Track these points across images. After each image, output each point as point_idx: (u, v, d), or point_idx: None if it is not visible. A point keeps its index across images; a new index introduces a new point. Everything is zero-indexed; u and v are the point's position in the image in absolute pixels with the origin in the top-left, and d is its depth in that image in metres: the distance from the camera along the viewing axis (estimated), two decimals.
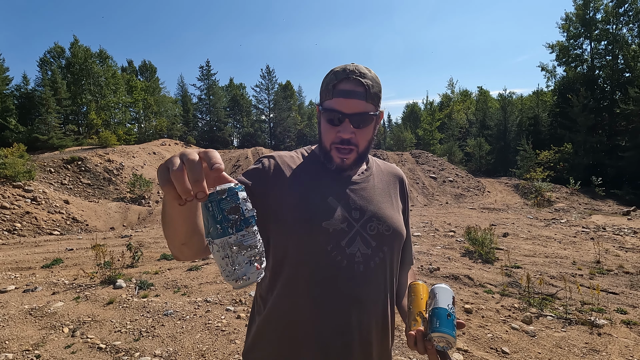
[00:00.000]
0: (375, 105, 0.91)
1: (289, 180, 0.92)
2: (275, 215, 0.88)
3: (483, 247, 6.02)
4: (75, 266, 5.77)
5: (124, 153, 20.19)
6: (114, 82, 31.60)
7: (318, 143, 1.00)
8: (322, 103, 0.93)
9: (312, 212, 0.88)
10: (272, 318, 0.90)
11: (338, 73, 0.90)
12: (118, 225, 12.75)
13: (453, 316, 0.80)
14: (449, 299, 0.83)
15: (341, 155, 0.92)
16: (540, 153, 22.69)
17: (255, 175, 0.92)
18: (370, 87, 0.89)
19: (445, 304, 0.81)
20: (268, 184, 0.91)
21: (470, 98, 46.81)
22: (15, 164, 12.71)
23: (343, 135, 0.89)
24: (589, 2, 26.11)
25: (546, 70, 30.84)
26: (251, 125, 41.34)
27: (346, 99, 0.87)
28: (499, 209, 13.27)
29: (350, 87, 0.88)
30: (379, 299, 0.92)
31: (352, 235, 0.89)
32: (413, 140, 35.41)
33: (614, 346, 3.05)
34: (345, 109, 0.88)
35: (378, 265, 0.91)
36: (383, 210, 0.96)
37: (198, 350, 3.01)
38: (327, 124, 0.92)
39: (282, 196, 0.90)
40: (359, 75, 0.89)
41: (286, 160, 0.97)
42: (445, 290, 0.85)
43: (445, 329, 0.77)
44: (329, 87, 0.90)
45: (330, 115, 0.90)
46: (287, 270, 0.88)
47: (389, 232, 0.94)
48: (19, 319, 3.59)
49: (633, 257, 6.07)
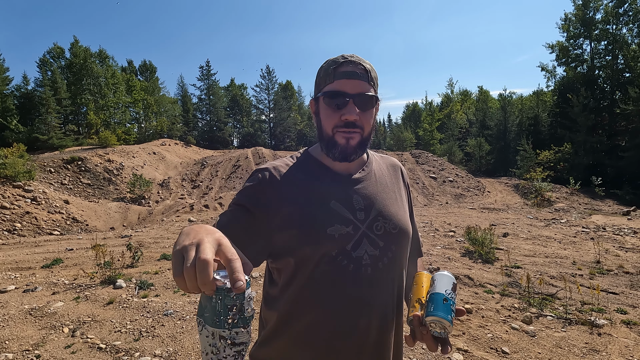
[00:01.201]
0: (375, 90, 0.91)
1: (288, 191, 0.89)
2: (278, 228, 0.86)
3: (483, 247, 6.02)
4: (75, 266, 5.77)
5: (124, 153, 20.18)
6: (113, 82, 31.61)
7: (318, 137, 0.97)
8: (322, 89, 0.90)
9: (315, 220, 0.86)
10: (279, 327, 0.90)
11: (336, 59, 0.90)
12: (118, 225, 12.75)
13: (450, 301, 0.78)
14: (448, 284, 0.81)
15: (346, 135, 0.89)
16: (540, 153, 22.69)
17: (253, 195, 0.88)
18: (370, 70, 0.89)
19: (442, 289, 0.80)
20: (267, 200, 0.88)
21: (470, 98, 46.81)
22: (15, 164, 12.71)
23: (348, 117, 0.86)
24: (588, 2, 26.09)
25: (546, 70, 30.84)
26: (251, 125, 41.34)
27: (349, 80, 0.86)
28: (499, 209, 13.27)
29: (352, 68, 0.87)
30: (389, 299, 0.91)
31: (358, 238, 0.87)
32: (413, 140, 35.41)
33: (614, 346, 3.05)
34: (349, 89, 0.86)
35: (387, 266, 0.90)
36: (388, 207, 0.95)
37: (198, 350, 3.01)
38: (329, 109, 0.89)
39: (283, 208, 0.87)
40: (358, 59, 0.89)
41: (281, 170, 0.93)
42: (445, 276, 0.83)
43: (439, 312, 0.76)
44: (329, 71, 0.89)
45: (333, 98, 0.88)
46: (296, 280, 0.87)
47: (396, 230, 0.92)
48: (19, 319, 3.59)
49: (633, 257, 6.07)
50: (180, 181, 18.97)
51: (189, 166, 21.88)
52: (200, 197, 16.61)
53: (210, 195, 16.49)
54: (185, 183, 18.74)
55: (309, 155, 1.00)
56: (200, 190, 17.65)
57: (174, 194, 16.87)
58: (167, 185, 17.85)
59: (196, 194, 17.21)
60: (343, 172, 0.96)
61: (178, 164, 22.29)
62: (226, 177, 19.07)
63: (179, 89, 41.67)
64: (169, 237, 8.34)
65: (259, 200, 0.87)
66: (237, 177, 18.66)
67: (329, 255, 0.85)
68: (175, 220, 12.08)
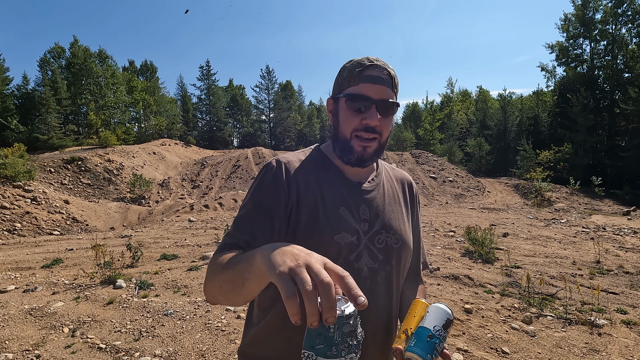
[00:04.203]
0: (397, 97, 0.90)
1: (303, 189, 0.88)
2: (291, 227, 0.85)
3: (483, 247, 6.02)
4: (75, 266, 5.77)
5: (124, 153, 20.19)
6: (113, 82, 31.60)
7: (333, 138, 0.94)
8: (344, 90, 0.88)
9: (324, 225, 0.84)
10: (271, 330, 0.88)
11: (362, 61, 0.88)
12: (118, 225, 12.75)
13: (436, 339, 0.72)
14: (440, 320, 0.75)
15: (363, 144, 0.87)
16: (540, 153, 22.68)
17: (273, 190, 0.85)
18: (394, 77, 0.89)
19: (432, 324, 0.74)
20: (286, 195, 0.86)
21: (470, 98, 46.81)
22: (15, 164, 12.71)
23: (370, 122, 0.85)
24: (587, 2, 26.11)
25: (546, 71, 30.87)
26: (251, 125, 41.36)
27: (374, 85, 0.85)
28: (499, 209, 13.27)
29: (377, 73, 0.86)
30: (384, 312, 0.89)
31: (361, 249, 0.86)
32: (413, 140, 35.38)
33: (614, 346, 3.05)
34: (373, 94, 0.85)
35: (384, 279, 0.88)
36: (392, 221, 0.93)
37: (198, 350, 3.01)
38: (349, 111, 0.87)
39: (294, 206, 0.86)
40: (384, 64, 0.88)
41: (295, 165, 0.91)
42: (439, 310, 0.77)
43: (418, 349, 0.71)
44: (353, 74, 0.87)
45: (356, 101, 0.86)
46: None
47: (398, 245, 0.91)
48: (19, 319, 3.59)
49: (633, 257, 6.07)
50: (180, 181, 18.98)
51: (189, 166, 21.89)
52: (200, 197, 16.61)
53: (210, 195, 16.49)
54: (185, 183, 18.74)
55: (321, 153, 0.98)
56: (200, 190, 17.65)
57: (174, 194, 16.87)
58: (167, 185, 17.86)
59: (196, 194, 17.22)
60: (353, 178, 0.94)
61: (178, 164, 22.29)
62: (226, 177, 19.07)
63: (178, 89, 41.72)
64: (169, 237, 8.34)
65: (281, 197, 0.85)
66: (237, 177, 18.66)
67: None
68: (175, 220, 12.08)
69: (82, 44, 30.18)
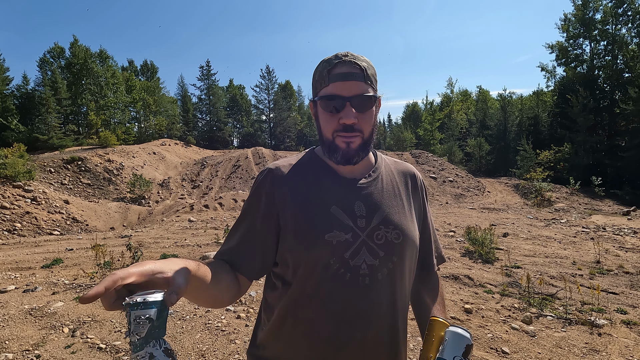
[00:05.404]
0: (374, 88, 0.87)
1: (289, 193, 0.88)
2: (281, 232, 0.87)
3: (483, 247, 6.02)
4: (75, 266, 5.77)
5: (123, 153, 20.19)
6: (113, 81, 31.61)
7: (319, 141, 0.94)
8: (319, 93, 0.88)
9: (314, 225, 0.84)
10: (275, 330, 0.89)
11: (330, 60, 0.86)
12: (118, 225, 12.75)
13: None
14: (459, 349, 0.72)
15: (346, 140, 0.86)
16: (540, 153, 22.68)
17: (257, 203, 0.90)
18: (366, 69, 0.85)
19: (451, 355, 0.71)
20: (270, 204, 0.88)
21: (470, 98, 46.80)
22: (15, 164, 12.71)
23: (346, 121, 0.83)
24: (587, 2, 26.10)
25: (546, 71, 30.84)
26: (251, 125, 41.37)
27: (344, 82, 0.83)
28: (499, 209, 13.27)
29: (347, 69, 0.84)
30: (387, 313, 0.87)
31: (357, 246, 0.84)
32: (413, 140, 35.41)
33: (614, 346, 3.05)
34: (344, 92, 0.83)
35: (386, 277, 0.86)
36: (392, 215, 0.90)
37: (198, 350, 3.01)
38: (326, 113, 0.86)
39: (285, 211, 0.87)
40: (353, 58, 0.85)
41: (284, 171, 0.92)
42: (458, 337, 0.73)
43: None
44: (323, 75, 0.86)
45: (330, 102, 0.84)
46: (293, 285, 0.86)
47: (399, 240, 0.88)
48: (19, 319, 3.59)
49: (633, 257, 6.07)
50: (180, 181, 18.98)
51: (189, 166, 21.89)
52: (200, 197, 16.61)
53: (210, 195, 16.48)
54: (185, 183, 18.75)
55: (314, 155, 0.97)
56: (200, 190, 17.65)
57: (174, 194, 16.88)
58: (167, 185, 17.86)
59: (196, 194, 17.22)
60: (348, 175, 0.93)
61: (178, 164, 22.30)
62: (226, 177, 19.07)
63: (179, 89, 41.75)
64: (169, 237, 8.34)
65: (267, 206, 0.89)
66: (237, 177, 18.66)
67: (326, 262, 0.82)
68: (175, 220, 12.07)
69: (82, 44, 30.20)
